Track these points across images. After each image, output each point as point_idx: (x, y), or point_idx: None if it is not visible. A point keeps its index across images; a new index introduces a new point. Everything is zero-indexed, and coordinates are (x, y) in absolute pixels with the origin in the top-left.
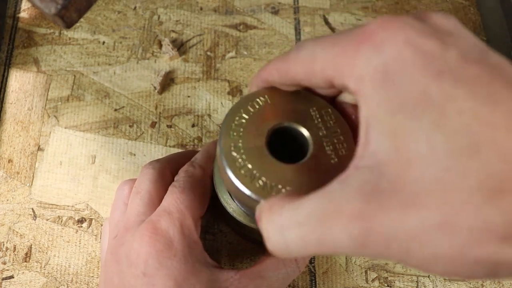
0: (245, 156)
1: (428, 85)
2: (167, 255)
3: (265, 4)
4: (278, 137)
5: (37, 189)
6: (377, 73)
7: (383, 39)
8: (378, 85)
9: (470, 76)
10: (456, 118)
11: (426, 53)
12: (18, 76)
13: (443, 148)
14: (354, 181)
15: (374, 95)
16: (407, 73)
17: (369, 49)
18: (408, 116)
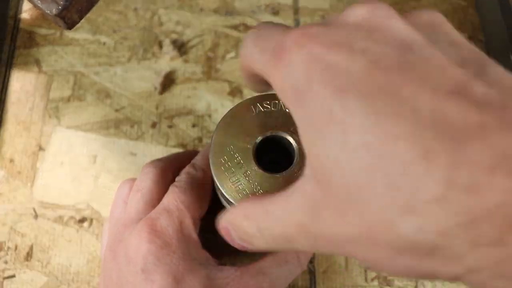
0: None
1: (332, 103)
2: (166, 252)
3: (265, 5)
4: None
5: (38, 189)
6: (290, 90)
7: (292, 56)
8: (292, 103)
9: (373, 89)
10: (357, 135)
11: (330, 67)
12: (20, 77)
13: (349, 168)
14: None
15: (292, 112)
16: (313, 91)
17: (283, 67)
18: (317, 135)
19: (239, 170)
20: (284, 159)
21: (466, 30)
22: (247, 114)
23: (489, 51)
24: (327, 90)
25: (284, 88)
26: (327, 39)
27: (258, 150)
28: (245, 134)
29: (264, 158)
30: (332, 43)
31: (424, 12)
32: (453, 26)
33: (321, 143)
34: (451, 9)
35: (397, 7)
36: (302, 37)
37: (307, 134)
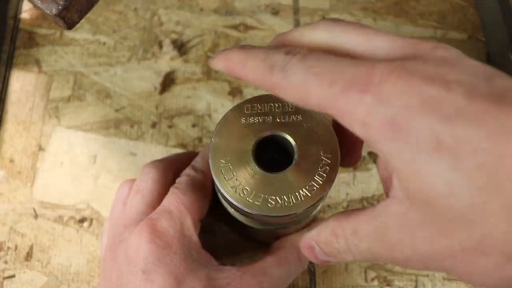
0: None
1: (439, 131)
2: (167, 252)
3: (265, 5)
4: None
5: (38, 189)
6: (385, 124)
7: (387, 90)
8: (387, 135)
9: (478, 113)
10: (471, 159)
11: (431, 99)
12: (20, 77)
13: (462, 189)
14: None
15: (384, 144)
16: (415, 122)
17: (373, 100)
18: (423, 163)
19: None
20: (284, 158)
21: (466, 30)
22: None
23: (489, 51)
24: (433, 119)
25: (371, 123)
26: (420, 73)
27: (258, 150)
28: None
29: (264, 158)
30: (427, 76)
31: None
32: (454, 26)
33: (428, 169)
34: (451, 9)
35: (397, 7)
36: (394, 71)
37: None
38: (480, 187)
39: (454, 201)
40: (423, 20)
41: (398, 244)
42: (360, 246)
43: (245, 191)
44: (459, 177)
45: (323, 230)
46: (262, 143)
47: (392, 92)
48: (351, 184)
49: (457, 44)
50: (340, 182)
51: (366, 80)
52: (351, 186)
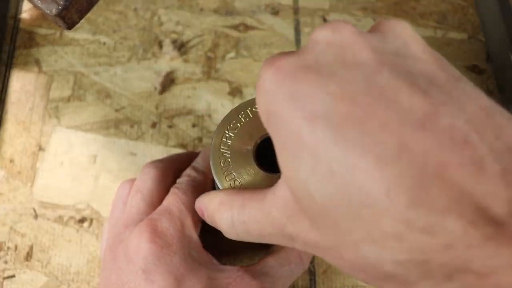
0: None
1: (301, 128)
2: (167, 252)
3: (265, 5)
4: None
5: (38, 189)
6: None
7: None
8: (266, 124)
9: (340, 118)
10: (326, 164)
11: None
12: (20, 77)
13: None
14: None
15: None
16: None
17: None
18: (289, 157)
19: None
20: None
21: (466, 30)
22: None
23: (489, 51)
24: (296, 116)
25: (260, 111)
26: (294, 64)
27: (258, 151)
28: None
29: (265, 159)
30: (299, 69)
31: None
32: (454, 26)
33: (293, 164)
34: (451, 9)
35: (397, 7)
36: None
37: (281, 153)
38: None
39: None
40: (423, 20)
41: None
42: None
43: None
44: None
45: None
46: (262, 144)
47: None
48: None
49: (457, 44)
50: None
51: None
52: None
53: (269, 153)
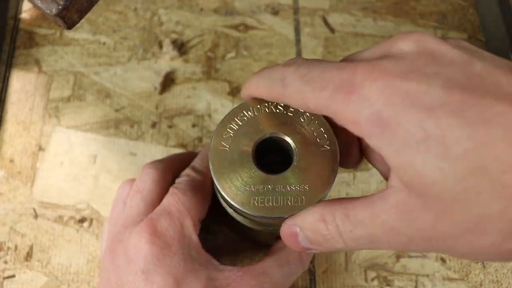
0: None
1: (424, 123)
2: (166, 253)
3: (265, 5)
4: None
5: (38, 189)
6: (372, 120)
7: (370, 90)
8: (376, 131)
9: (458, 103)
10: (457, 146)
11: (412, 94)
12: (20, 77)
13: (453, 174)
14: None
15: (375, 139)
16: (400, 116)
17: (359, 100)
18: (414, 154)
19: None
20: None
21: (466, 30)
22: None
23: (489, 51)
24: (415, 112)
25: (360, 120)
26: (397, 69)
27: (257, 152)
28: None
29: (263, 159)
30: (404, 72)
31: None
32: (454, 26)
33: (419, 158)
34: (451, 9)
35: (397, 7)
36: (373, 71)
37: (397, 155)
38: (469, 171)
39: (448, 186)
40: (423, 20)
41: (401, 228)
42: (355, 232)
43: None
44: (449, 164)
45: (310, 216)
46: (261, 145)
47: (373, 90)
48: (351, 184)
49: None
50: (340, 182)
51: (350, 82)
52: (351, 186)
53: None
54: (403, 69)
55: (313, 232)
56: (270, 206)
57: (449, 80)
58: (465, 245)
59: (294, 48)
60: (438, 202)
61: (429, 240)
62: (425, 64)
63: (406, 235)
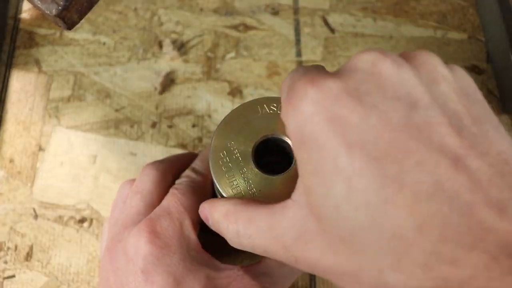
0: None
1: (339, 156)
2: (166, 252)
3: (265, 5)
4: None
5: (38, 189)
6: (296, 133)
7: (300, 103)
8: (297, 145)
9: (382, 151)
10: (361, 194)
11: (340, 121)
12: (20, 77)
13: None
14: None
15: (297, 153)
16: (319, 140)
17: (292, 110)
18: (320, 182)
19: (239, 172)
20: (283, 161)
21: (466, 30)
22: (246, 117)
23: (489, 51)
24: (335, 142)
25: (291, 130)
26: (337, 89)
27: (257, 153)
28: (244, 137)
29: (263, 160)
30: (341, 94)
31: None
32: (454, 26)
33: (323, 189)
34: (451, 9)
35: (397, 7)
36: (310, 84)
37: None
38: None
39: (340, 227)
40: (423, 20)
41: (291, 247)
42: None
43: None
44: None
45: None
46: (261, 146)
47: (305, 106)
48: None
49: (457, 44)
50: None
51: (293, 92)
52: None
53: (268, 155)
54: (342, 90)
55: (217, 224)
56: None
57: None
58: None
59: (294, 48)
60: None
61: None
62: (367, 92)
63: (294, 255)
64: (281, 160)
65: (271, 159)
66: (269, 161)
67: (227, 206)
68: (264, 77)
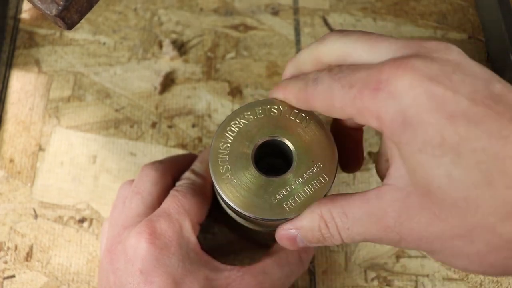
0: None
1: (444, 128)
2: (165, 253)
3: (265, 5)
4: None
5: (38, 189)
6: (396, 117)
7: (396, 87)
8: (398, 128)
9: (479, 116)
10: (470, 156)
11: (438, 97)
12: (20, 77)
13: (459, 182)
14: (387, 196)
15: (396, 135)
16: (423, 118)
17: (385, 97)
18: (429, 156)
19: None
20: (283, 162)
21: (466, 30)
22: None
23: (489, 51)
24: (439, 117)
25: (385, 116)
26: (426, 70)
27: (257, 154)
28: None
29: (263, 162)
30: (432, 74)
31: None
32: (454, 26)
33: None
34: (451, 9)
35: (397, 7)
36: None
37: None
38: (476, 182)
39: (452, 192)
40: (423, 20)
41: (395, 226)
42: (352, 230)
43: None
44: (459, 172)
45: (309, 216)
46: (261, 147)
47: (400, 87)
48: (351, 184)
49: (457, 44)
50: (340, 182)
51: (377, 79)
52: (351, 186)
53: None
54: (431, 71)
55: (312, 231)
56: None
57: (474, 91)
58: (451, 249)
59: (294, 48)
60: (437, 205)
61: (419, 240)
62: (453, 71)
63: (398, 233)
64: (281, 162)
65: (270, 161)
66: (268, 163)
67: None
68: (264, 77)
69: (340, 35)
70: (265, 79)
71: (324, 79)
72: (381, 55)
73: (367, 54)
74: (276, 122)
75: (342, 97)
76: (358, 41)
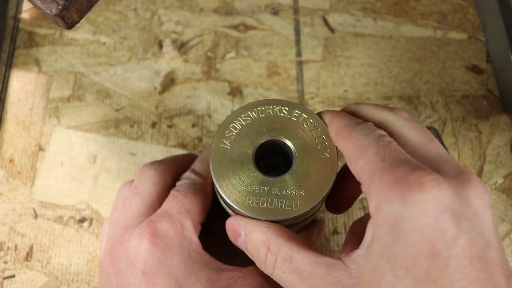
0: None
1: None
2: (168, 254)
3: (265, 5)
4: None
5: (38, 189)
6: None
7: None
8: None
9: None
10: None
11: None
12: (20, 77)
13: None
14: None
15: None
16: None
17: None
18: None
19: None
20: (283, 163)
21: (466, 30)
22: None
23: (489, 51)
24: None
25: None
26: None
27: (258, 154)
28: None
29: (263, 162)
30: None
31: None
32: (454, 26)
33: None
34: (451, 9)
35: (397, 7)
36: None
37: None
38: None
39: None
40: (423, 20)
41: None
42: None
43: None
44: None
45: (259, 233)
46: (262, 148)
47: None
48: None
49: (457, 44)
50: None
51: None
52: None
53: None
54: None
55: (253, 247)
56: (264, 207)
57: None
58: None
59: (294, 48)
60: None
61: None
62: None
63: None
64: (281, 163)
65: (271, 161)
66: (269, 163)
67: (268, 235)
68: (264, 77)
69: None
70: (265, 79)
71: (373, 136)
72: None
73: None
74: (276, 122)
75: (368, 162)
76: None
